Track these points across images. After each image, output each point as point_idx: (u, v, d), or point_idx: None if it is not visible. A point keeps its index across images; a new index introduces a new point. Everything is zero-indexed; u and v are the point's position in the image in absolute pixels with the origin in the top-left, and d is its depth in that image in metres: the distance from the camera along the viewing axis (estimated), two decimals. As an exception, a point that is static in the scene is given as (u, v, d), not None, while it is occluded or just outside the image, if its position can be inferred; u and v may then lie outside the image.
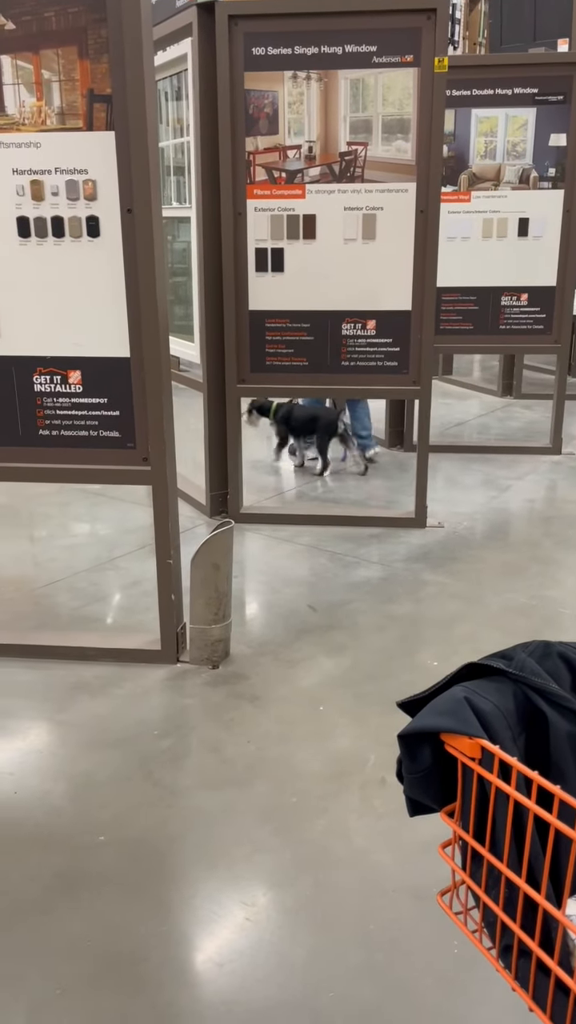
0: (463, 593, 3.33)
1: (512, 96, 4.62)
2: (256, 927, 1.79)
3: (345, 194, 3.64)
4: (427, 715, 0.96)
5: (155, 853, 1.99)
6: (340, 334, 3.80)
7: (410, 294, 3.72)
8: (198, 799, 2.17)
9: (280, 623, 3.11)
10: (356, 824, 2.07)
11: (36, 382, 2.64)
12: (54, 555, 3.74)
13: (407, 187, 3.60)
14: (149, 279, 2.48)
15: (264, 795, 2.18)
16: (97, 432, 2.66)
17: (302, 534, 3.97)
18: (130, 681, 2.72)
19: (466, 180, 4.78)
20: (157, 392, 2.58)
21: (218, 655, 2.81)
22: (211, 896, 1.87)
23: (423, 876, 1.91)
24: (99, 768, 2.30)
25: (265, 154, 3.64)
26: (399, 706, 1.02)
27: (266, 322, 3.83)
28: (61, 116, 2.41)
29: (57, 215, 2.49)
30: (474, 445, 5.42)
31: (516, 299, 4.91)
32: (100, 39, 2.35)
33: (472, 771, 0.93)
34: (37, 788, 2.22)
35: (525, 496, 4.50)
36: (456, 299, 4.95)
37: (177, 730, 2.46)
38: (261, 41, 3.51)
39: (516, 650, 1.02)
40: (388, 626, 3.07)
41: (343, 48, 3.49)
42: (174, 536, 2.74)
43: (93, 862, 1.97)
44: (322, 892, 1.88)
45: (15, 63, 2.40)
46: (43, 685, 2.70)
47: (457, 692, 0.95)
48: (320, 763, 2.31)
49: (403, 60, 3.47)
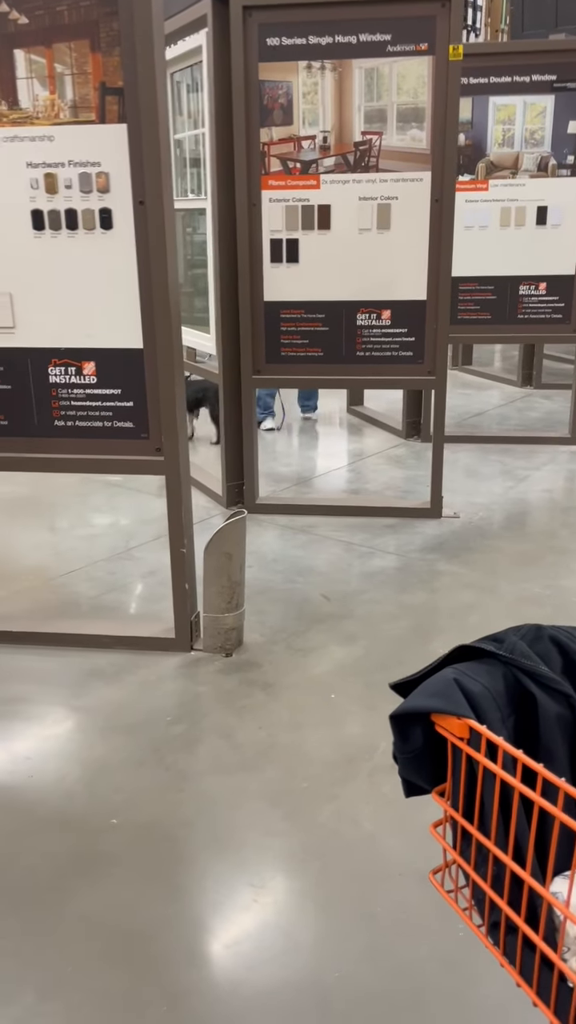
0: (478, 583, 3.33)
1: (530, 83, 4.58)
2: (264, 909, 1.81)
3: (360, 184, 3.64)
4: (418, 696, 0.97)
5: (167, 836, 2.02)
6: (355, 324, 3.81)
7: (425, 284, 3.72)
8: (209, 784, 2.20)
9: (293, 612, 3.13)
10: (365, 809, 2.09)
11: (51, 373, 2.67)
12: (73, 545, 3.79)
13: (422, 176, 3.59)
14: (161, 271, 2.50)
15: (275, 780, 2.21)
16: (111, 423, 2.69)
17: (318, 524, 3.98)
18: (144, 668, 2.76)
19: (484, 168, 4.75)
20: (170, 383, 2.61)
21: (231, 643, 2.84)
22: (221, 878, 1.90)
23: (429, 860, 1.92)
24: (113, 753, 2.34)
25: (280, 145, 3.65)
26: (392, 687, 1.04)
27: (281, 313, 3.84)
28: (74, 109, 2.44)
29: (71, 207, 2.51)
30: (492, 435, 5.40)
31: (534, 288, 4.88)
32: (112, 32, 2.37)
33: (461, 751, 0.94)
34: (53, 772, 2.26)
35: (542, 486, 4.48)
36: (474, 288, 4.93)
37: (190, 716, 2.50)
38: (275, 31, 3.52)
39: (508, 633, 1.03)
40: (402, 615, 3.08)
41: (357, 37, 3.48)
42: (187, 525, 2.77)
43: (106, 844, 2.00)
44: (330, 875, 1.90)
45: (28, 57, 2.43)
46: (59, 672, 2.75)
47: (447, 674, 0.97)
48: (330, 749, 2.33)
49: (417, 48, 3.46)
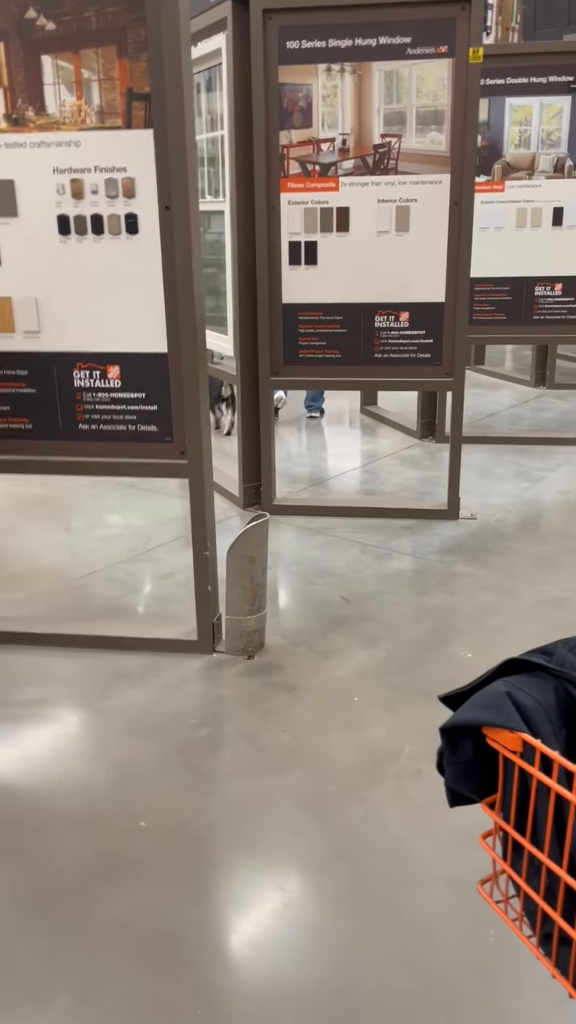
0: (496, 585, 3.34)
1: (547, 84, 4.58)
2: (293, 912, 1.83)
3: (379, 186, 3.64)
4: (469, 709, 0.98)
5: (195, 839, 2.04)
6: (373, 326, 3.82)
7: (443, 286, 3.72)
8: (236, 787, 2.22)
9: (313, 614, 3.14)
10: (392, 813, 2.11)
11: (76, 377, 2.69)
12: (91, 546, 3.81)
13: (441, 179, 3.59)
14: (187, 275, 2.51)
15: (301, 783, 2.22)
16: (135, 426, 2.71)
17: (335, 525, 3.99)
18: (167, 671, 2.77)
19: (500, 170, 4.75)
20: (194, 387, 2.62)
21: (253, 646, 2.86)
22: (249, 881, 1.91)
23: (458, 865, 1.94)
24: (139, 756, 2.35)
25: (299, 147, 3.66)
26: (441, 700, 1.05)
27: (299, 315, 3.85)
28: (100, 115, 2.45)
29: (96, 213, 2.53)
30: (506, 436, 5.40)
31: (550, 289, 4.88)
32: (139, 38, 2.38)
33: (513, 764, 0.95)
34: (80, 774, 2.28)
35: (558, 487, 4.48)
36: (489, 289, 4.92)
37: (214, 719, 2.51)
38: (295, 34, 3.52)
39: (557, 646, 1.04)
40: (421, 618, 3.09)
41: (377, 40, 3.48)
42: (211, 528, 2.78)
43: (135, 847, 2.02)
44: (359, 879, 1.91)
45: (55, 63, 2.44)
46: (83, 674, 2.76)
47: (499, 687, 0.98)
48: (356, 753, 2.34)
49: (437, 51, 3.46)
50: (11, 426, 2.75)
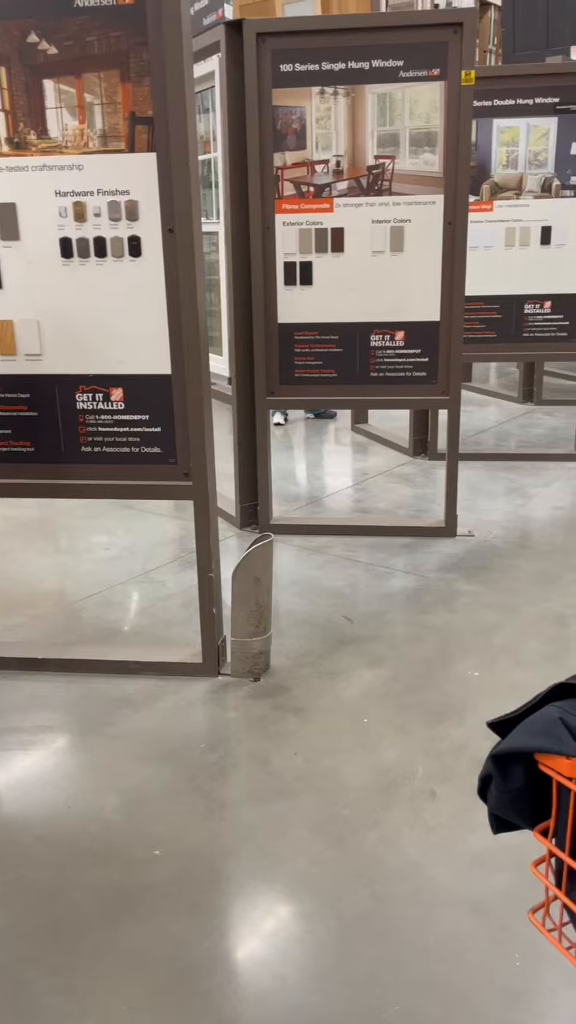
0: (498, 602, 3.34)
1: (533, 106, 4.64)
2: (317, 940, 1.80)
3: (373, 207, 3.67)
4: (521, 735, 0.97)
5: (211, 867, 2.01)
6: (369, 345, 3.83)
7: (438, 305, 3.74)
8: (249, 812, 2.19)
9: (317, 634, 3.12)
10: (409, 836, 2.09)
11: (79, 399, 2.67)
12: (89, 568, 3.77)
13: (435, 199, 3.62)
14: (191, 297, 2.51)
15: (315, 807, 2.20)
16: (139, 448, 2.69)
17: (333, 544, 3.99)
18: (173, 694, 2.75)
19: (488, 190, 4.80)
20: (198, 408, 2.61)
21: (259, 668, 2.84)
22: (270, 909, 1.88)
23: (478, 888, 1.92)
24: (149, 782, 2.32)
25: (293, 169, 3.68)
26: (489, 726, 1.04)
27: (295, 334, 3.86)
28: (103, 138, 2.45)
29: (99, 235, 2.52)
30: (498, 452, 5.43)
31: (539, 307, 4.93)
32: (142, 62, 2.38)
33: (569, 791, 0.94)
34: (90, 802, 2.24)
35: (553, 503, 4.50)
36: (479, 307, 4.96)
37: (223, 743, 2.48)
38: (288, 58, 3.55)
39: (604, 669, 1.04)
40: (425, 636, 3.08)
41: (370, 63, 3.52)
42: (215, 550, 2.76)
43: (151, 876, 1.99)
44: (380, 905, 1.89)
45: (58, 87, 2.44)
46: (86, 700, 2.73)
47: (551, 712, 0.97)
48: (368, 775, 2.32)
49: (430, 74, 3.50)
50: (13, 449, 2.73)
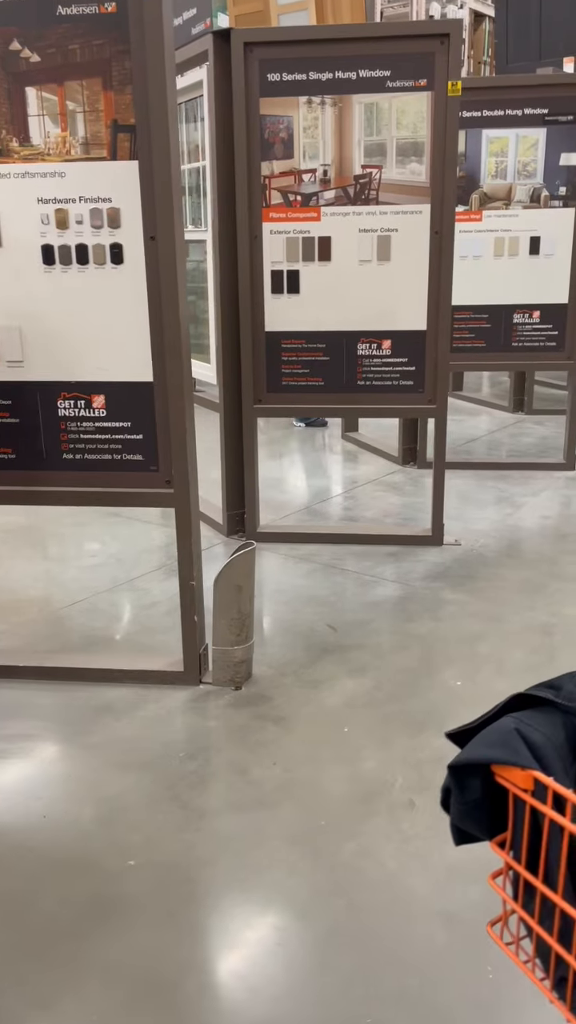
0: (483, 611, 3.33)
1: (522, 116, 4.66)
2: (290, 952, 1.79)
3: (360, 216, 3.67)
4: (478, 746, 0.97)
5: (186, 878, 1.99)
6: (356, 354, 3.83)
7: (425, 314, 3.75)
8: (227, 822, 2.18)
9: (301, 643, 3.11)
10: (387, 847, 2.07)
11: (60, 406, 2.67)
12: (73, 575, 3.76)
13: (421, 209, 3.63)
14: (172, 305, 2.51)
15: (293, 818, 2.18)
16: (120, 455, 2.69)
17: (319, 552, 3.98)
18: (153, 703, 2.73)
19: (477, 200, 4.82)
20: (180, 416, 2.61)
21: (241, 676, 2.82)
22: (245, 920, 1.87)
23: (454, 900, 1.91)
24: (127, 791, 2.30)
25: (280, 178, 3.68)
26: (448, 736, 1.03)
27: (282, 343, 3.86)
28: (85, 146, 2.45)
29: (81, 243, 2.52)
30: (487, 461, 5.43)
31: (528, 316, 4.94)
32: (124, 71, 2.39)
33: (524, 802, 0.94)
34: (66, 812, 2.23)
35: (540, 513, 4.50)
36: (468, 317, 4.97)
37: (203, 752, 2.47)
38: (276, 67, 3.56)
39: (564, 680, 1.03)
40: (409, 645, 3.08)
41: (357, 73, 3.53)
42: (197, 558, 2.76)
43: (125, 887, 1.97)
44: (355, 916, 1.88)
45: (40, 95, 2.44)
46: (67, 708, 2.71)
47: (507, 723, 0.96)
48: (347, 785, 2.31)
49: (417, 84, 3.52)
50: (-6, 456, 2.72)
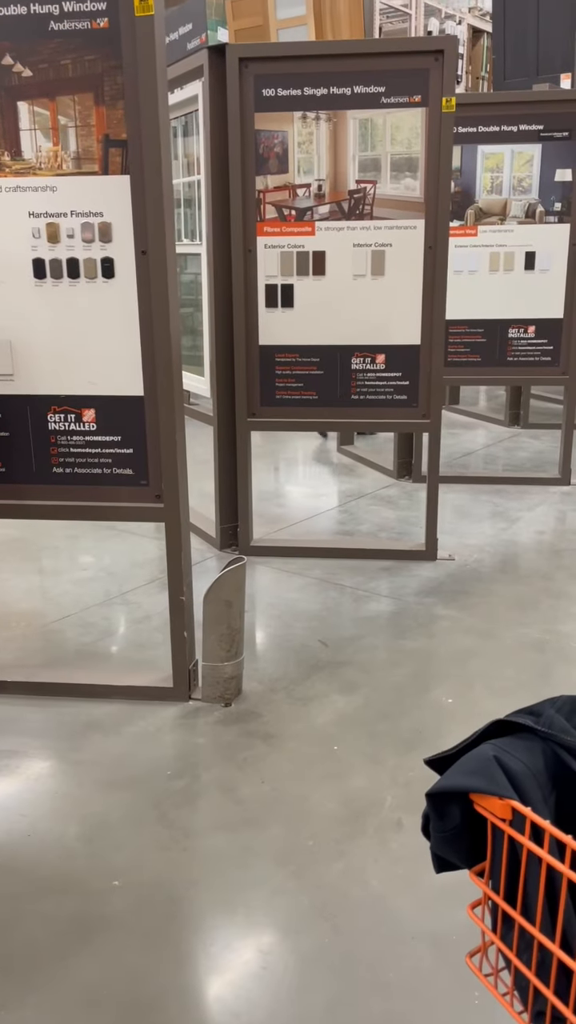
0: (476, 628, 3.31)
1: (518, 132, 4.67)
2: (275, 975, 1.76)
3: (354, 231, 3.68)
4: (456, 774, 0.95)
5: (171, 898, 1.97)
6: (350, 368, 3.83)
7: (419, 329, 3.75)
8: (213, 841, 2.15)
9: (292, 659, 3.09)
10: (373, 868, 2.05)
11: (50, 420, 2.66)
12: (65, 589, 3.74)
13: (416, 224, 3.64)
14: (163, 319, 2.50)
15: (280, 837, 2.16)
16: (110, 470, 2.67)
17: (312, 567, 3.96)
18: (142, 719, 2.71)
19: (472, 215, 4.83)
20: (170, 430, 2.60)
21: (230, 692, 2.80)
22: (229, 942, 1.84)
23: (442, 923, 1.89)
24: (113, 809, 2.28)
25: (275, 192, 3.69)
26: (427, 763, 1.02)
27: (276, 356, 3.85)
28: (77, 160, 2.45)
29: (72, 257, 2.52)
30: (482, 476, 5.42)
31: (523, 331, 4.94)
32: (116, 86, 2.39)
33: (502, 832, 0.92)
34: (51, 830, 2.20)
35: (535, 528, 4.49)
36: (464, 331, 4.98)
37: (190, 770, 2.45)
38: (271, 83, 3.57)
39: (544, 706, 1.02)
40: (401, 662, 3.06)
41: (352, 89, 3.54)
42: (187, 573, 2.74)
43: (109, 907, 1.95)
44: (340, 938, 1.85)
45: (32, 109, 2.44)
46: (55, 724, 2.69)
47: (486, 751, 0.95)
48: (336, 804, 2.29)
49: (411, 100, 3.52)
50: (-16, 470, 2.71)
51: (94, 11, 2.35)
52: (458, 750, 1.00)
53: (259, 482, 5.32)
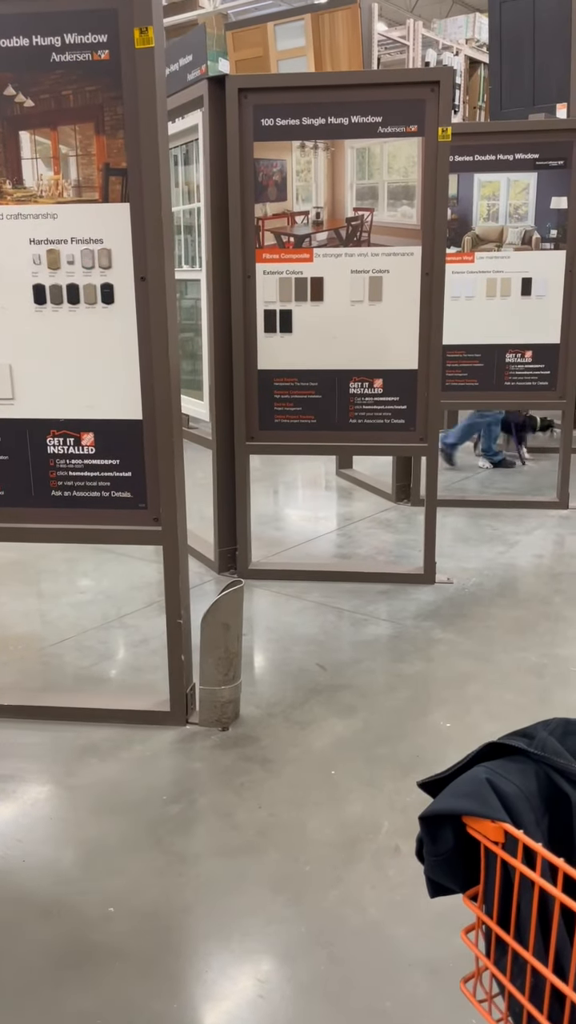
0: (474, 651, 3.31)
1: (513, 161, 4.74)
2: (270, 1004, 1.74)
3: (352, 258, 3.72)
4: (449, 797, 0.95)
5: (167, 925, 1.95)
6: (348, 392, 3.85)
7: (416, 353, 3.77)
8: (209, 867, 2.14)
9: (290, 683, 3.09)
10: (370, 894, 2.04)
11: (49, 444, 2.67)
12: (63, 612, 3.74)
13: (413, 251, 3.68)
14: (162, 344, 2.53)
15: (277, 863, 2.15)
16: (109, 493, 2.68)
17: (310, 590, 3.96)
18: (139, 744, 2.70)
19: (469, 241, 4.88)
20: (169, 454, 2.61)
21: (228, 717, 2.79)
22: (224, 971, 1.83)
23: (439, 950, 1.87)
24: (109, 835, 2.27)
25: (274, 220, 3.73)
26: (420, 786, 1.02)
27: (275, 381, 3.88)
28: (77, 189, 2.49)
29: (72, 283, 2.54)
30: (480, 499, 5.44)
31: (520, 356, 4.98)
32: (116, 116, 2.43)
33: (495, 855, 0.92)
34: (46, 855, 2.19)
35: (533, 551, 4.49)
36: (461, 356, 5.01)
37: (187, 795, 2.43)
38: (270, 113, 3.63)
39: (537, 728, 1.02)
40: (399, 686, 3.05)
41: (349, 119, 3.59)
42: (184, 596, 2.74)
43: (103, 934, 1.93)
44: (337, 966, 1.84)
45: (34, 138, 2.48)
46: (52, 748, 2.68)
47: (479, 773, 0.95)
48: (333, 830, 2.27)
49: (408, 130, 3.58)
50: (-17, 493, 2.72)
51: (95, 43, 2.39)
52: (451, 772, 1.00)
53: (257, 505, 5.33)
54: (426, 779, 1.02)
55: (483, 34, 10.96)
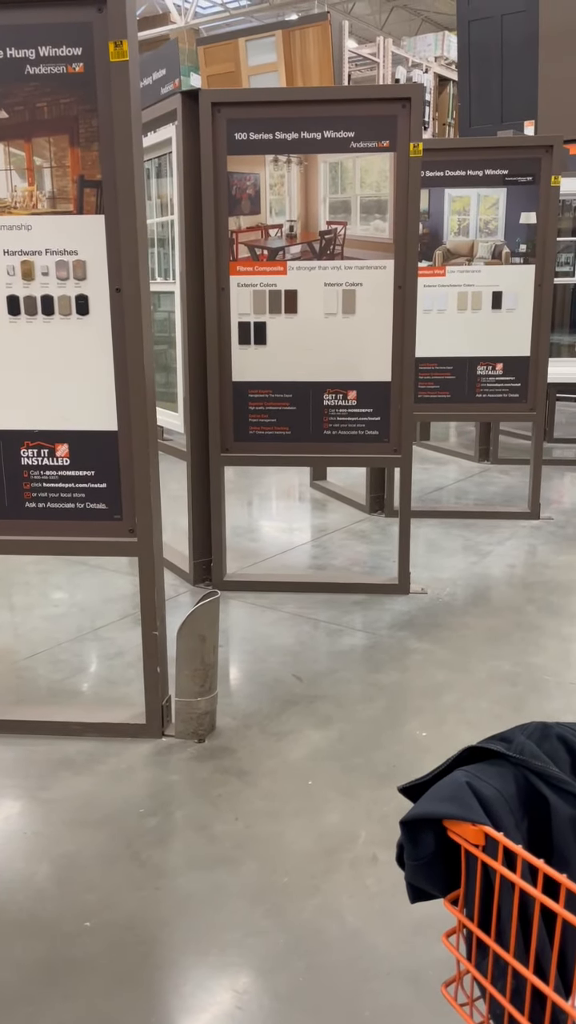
0: (448, 661, 3.33)
1: (483, 177, 4.81)
2: (249, 1016, 1.73)
3: (325, 271, 3.74)
4: (429, 801, 0.96)
5: (143, 939, 1.94)
6: (322, 404, 3.87)
7: (389, 366, 3.81)
8: (186, 880, 2.12)
9: (266, 694, 3.08)
10: (348, 903, 2.03)
11: (23, 455, 2.66)
12: (35, 625, 3.71)
13: (385, 264, 3.71)
14: (137, 355, 2.53)
15: (254, 875, 2.14)
16: (84, 504, 2.67)
17: (286, 601, 3.97)
18: (114, 756, 2.68)
19: (441, 255, 4.94)
20: (144, 465, 2.61)
21: (204, 728, 2.78)
22: (201, 984, 1.81)
23: (418, 958, 1.87)
24: (84, 849, 2.25)
25: (247, 232, 3.75)
26: (400, 791, 1.02)
27: (249, 392, 3.89)
28: (52, 200, 2.49)
29: (47, 294, 2.54)
30: (453, 510, 5.48)
31: (492, 368, 5.04)
32: (91, 128, 2.43)
33: (476, 858, 0.93)
34: (21, 871, 2.16)
35: (506, 561, 4.54)
36: (433, 369, 5.06)
37: (163, 808, 2.42)
38: (243, 127, 3.65)
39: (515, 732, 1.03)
40: (375, 696, 3.06)
41: (322, 134, 3.63)
42: (160, 608, 2.73)
43: (79, 949, 1.91)
44: (316, 976, 1.83)
45: (8, 150, 2.48)
46: (25, 762, 2.65)
47: (459, 777, 0.96)
48: (310, 840, 2.27)
49: (380, 145, 3.62)
50: (-45, 505, 2.70)
51: (70, 56, 2.40)
52: (431, 777, 1.01)
53: (232, 517, 5.33)
54: (406, 784, 1.03)
55: (452, 52, 11.13)
